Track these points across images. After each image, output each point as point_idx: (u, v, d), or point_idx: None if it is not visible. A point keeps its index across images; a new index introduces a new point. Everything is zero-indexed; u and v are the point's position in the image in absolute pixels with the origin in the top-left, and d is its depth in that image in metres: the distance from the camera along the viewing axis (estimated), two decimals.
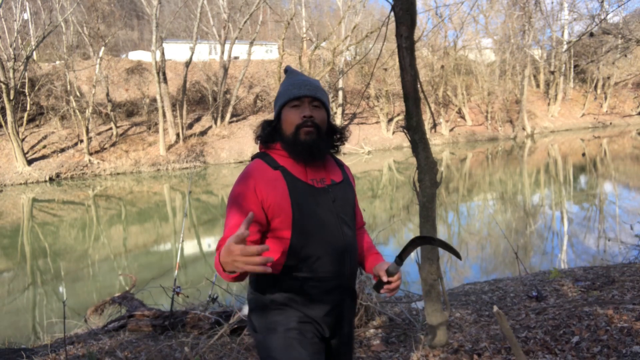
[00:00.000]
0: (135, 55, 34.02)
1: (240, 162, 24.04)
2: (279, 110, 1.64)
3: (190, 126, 26.58)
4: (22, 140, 21.31)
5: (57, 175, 20.73)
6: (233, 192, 1.58)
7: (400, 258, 1.55)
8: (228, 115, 27.03)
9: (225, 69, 27.20)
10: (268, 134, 1.65)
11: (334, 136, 1.68)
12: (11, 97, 19.96)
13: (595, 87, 36.75)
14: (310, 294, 1.56)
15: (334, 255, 1.59)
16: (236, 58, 32.43)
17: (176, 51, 33.41)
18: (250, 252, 1.20)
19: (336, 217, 1.61)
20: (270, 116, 1.87)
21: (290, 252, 1.54)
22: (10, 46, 21.23)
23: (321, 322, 1.60)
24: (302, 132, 1.57)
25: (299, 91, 1.60)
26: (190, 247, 10.07)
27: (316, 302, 1.58)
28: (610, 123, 33.47)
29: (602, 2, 8.49)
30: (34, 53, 24.92)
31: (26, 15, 24.18)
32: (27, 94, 22.57)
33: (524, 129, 31.60)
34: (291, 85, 1.63)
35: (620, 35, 11.72)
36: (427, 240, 1.57)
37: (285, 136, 1.61)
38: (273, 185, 1.54)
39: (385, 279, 1.59)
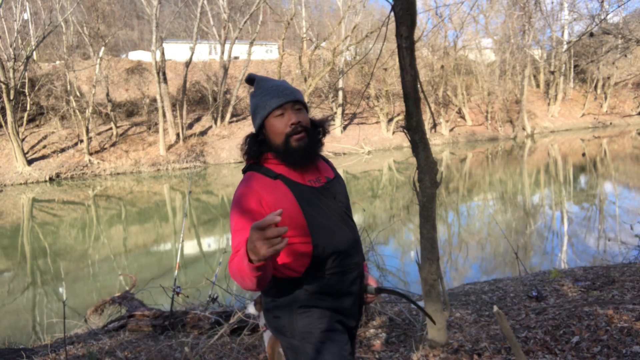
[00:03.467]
0: (135, 55, 34.02)
1: (240, 162, 23.90)
2: (262, 122, 1.60)
3: (190, 126, 26.58)
4: (22, 140, 21.31)
5: (57, 175, 20.73)
6: (238, 208, 1.52)
7: (380, 290, 1.69)
8: (228, 115, 27.03)
9: (225, 69, 27.20)
10: (256, 150, 1.61)
11: (318, 130, 1.67)
12: (11, 97, 19.96)
13: (595, 87, 36.75)
14: (339, 289, 1.60)
15: (349, 247, 1.63)
16: (236, 58, 32.43)
17: (176, 51, 33.42)
18: (274, 235, 1.19)
19: (340, 211, 1.65)
20: None
21: (314, 254, 1.55)
22: (10, 46, 21.23)
23: (349, 313, 1.65)
24: (293, 139, 1.56)
25: (280, 99, 1.57)
26: (190, 247, 10.07)
27: (345, 295, 1.62)
28: (610, 123, 33.47)
29: (602, 2, 8.49)
30: (34, 53, 24.92)
31: (26, 15, 24.17)
32: (27, 94, 22.57)
33: (524, 129, 31.60)
34: (268, 94, 1.59)
35: (620, 35, 11.72)
36: (410, 301, 1.71)
37: (275, 146, 1.58)
38: (278, 195, 1.54)
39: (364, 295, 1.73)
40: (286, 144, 1.56)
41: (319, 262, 1.56)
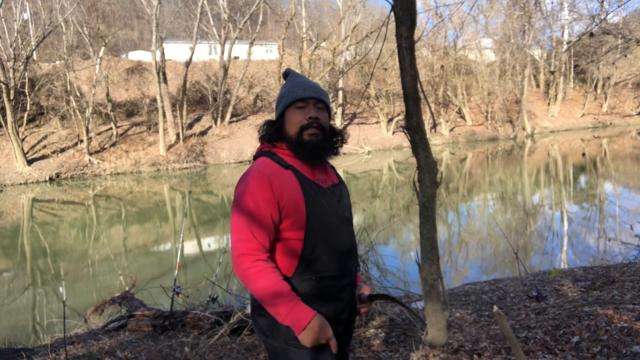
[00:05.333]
0: (135, 55, 34.01)
1: (240, 162, 24.04)
2: (283, 110, 1.65)
3: (190, 126, 26.58)
4: (22, 140, 21.31)
5: (57, 175, 20.73)
6: (247, 189, 1.53)
7: (371, 298, 1.71)
8: (228, 115, 27.03)
9: (225, 69, 27.19)
10: (273, 133, 1.65)
11: (334, 138, 1.70)
12: (11, 97, 19.96)
13: (595, 87, 36.74)
14: (327, 293, 1.58)
15: (344, 253, 1.62)
16: (236, 58, 32.42)
17: (176, 51, 33.41)
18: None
19: (342, 215, 1.65)
20: (270, 116, 1.87)
21: (303, 253, 1.55)
22: (10, 46, 21.23)
23: (336, 319, 1.62)
24: (306, 133, 1.59)
25: (305, 92, 1.62)
26: (190, 247, 10.07)
27: (333, 300, 1.60)
28: (610, 123, 33.46)
29: (602, 2, 8.48)
30: (34, 53, 24.92)
31: (26, 15, 24.17)
32: (27, 94, 22.57)
33: (524, 129, 31.60)
34: (296, 86, 1.64)
35: (620, 35, 11.71)
36: (400, 304, 1.72)
37: (288, 136, 1.62)
38: (287, 185, 1.54)
39: (357, 305, 1.73)
40: (299, 136, 1.60)
41: (308, 263, 1.55)
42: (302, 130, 1.59)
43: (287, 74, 1.74)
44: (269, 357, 1.61)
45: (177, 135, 24.74)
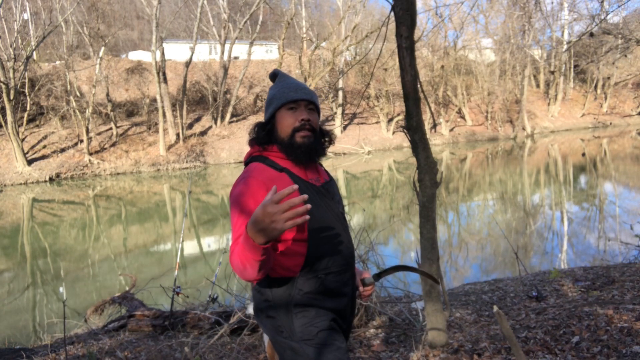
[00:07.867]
0: (135, 55, 34.02)
1: (240, 162, 24.02)
2: (273, 112, 1.64)
3: (190, 126, 26.58)
4: (22, 140, 21.31)
5: (57, 175, 20.73)
6: (242, 196, 1.52)
7: (379, 276, 1.67)
8: (228, 115, 27.03)
9: (225, 69, 27.20)
10: (264, 137, 1.65)
11: (323, 139, 1.71)
12: (11, 97, 19.96)
13: (595, 87, 36.75)
14: (332, 289, 1.60)
15: (343, 248, 1.64)
16: (236, 58, 32.43)
17: (176, 51, 33.41)
18: (293, 203, 1.19)
19: (337, 212, 1.67)
20: None
21: (308, 253, 1.56)
22: (10, 46, 21.23)
23: (342, 314, 1.65)
24: (299, 135, 1.59)
25: (296, 94, 1.61)
26: (190, 247, 10.07)
27: (338, 296, 1.62)
28: (610, 123, 33.47)
29: (602, 2, 8.48)
30: (34, 53, 24.92)
31: (26, 15, 24.17)
32: (27, 94, 22.58)
33: (524, 129, 31.60)
34: (286, 88, 1.64)
35: (620, 35, 11.71)
36: (409, 269, 1.69)
37: (280, 139, 1.61)
38: (283, 188, 1.53)
39: (360, 288, 1.73)
40: (291, 138, 1.60)
41: (313, 261, 1.56)
42: (295, 132, 1.59)
43: (276, 75, 1.74)
44: (286, 356, 1.60)
45: (177, 135, 24.75)
